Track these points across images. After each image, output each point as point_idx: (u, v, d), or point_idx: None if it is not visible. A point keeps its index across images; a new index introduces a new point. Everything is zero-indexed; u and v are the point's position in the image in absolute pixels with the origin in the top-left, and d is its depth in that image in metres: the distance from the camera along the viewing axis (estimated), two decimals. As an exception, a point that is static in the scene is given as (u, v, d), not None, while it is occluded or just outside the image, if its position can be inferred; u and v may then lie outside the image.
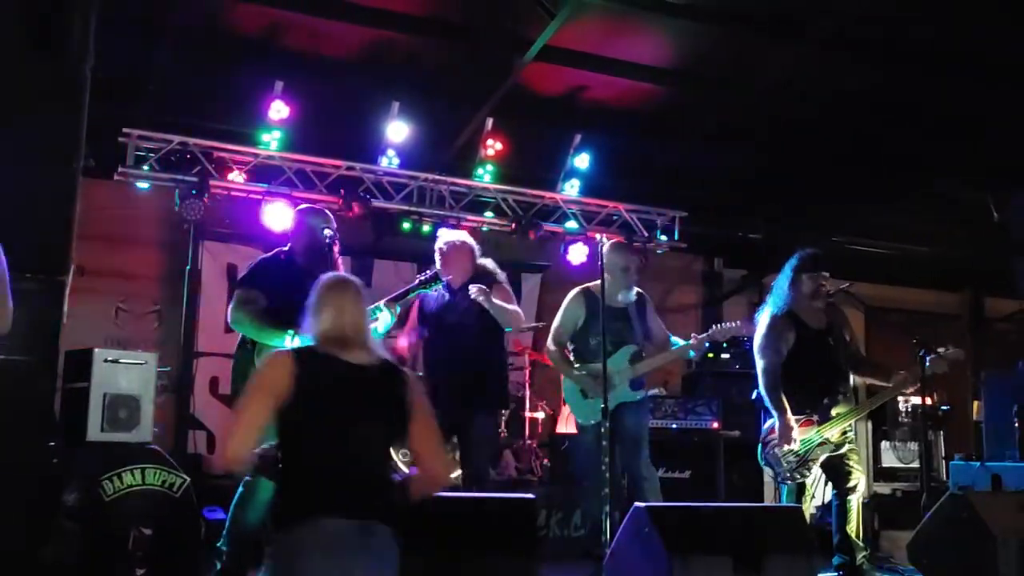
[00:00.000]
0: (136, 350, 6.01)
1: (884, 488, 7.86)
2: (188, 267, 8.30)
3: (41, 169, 4.70)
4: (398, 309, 4.96)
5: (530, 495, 4.38)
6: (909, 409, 8.11)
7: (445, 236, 5.77)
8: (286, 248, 5.10)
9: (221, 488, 5.40)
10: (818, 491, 5.96)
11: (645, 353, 5.79)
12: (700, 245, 10.40)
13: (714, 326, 5.74)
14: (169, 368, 7.66)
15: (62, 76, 4.75)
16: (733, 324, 5.77)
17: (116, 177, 7.53)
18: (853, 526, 5.55)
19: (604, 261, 5.68)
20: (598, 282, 5.65)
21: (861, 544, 5.56)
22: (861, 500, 5.62)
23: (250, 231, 8.04)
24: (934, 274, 11.76)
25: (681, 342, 5.81)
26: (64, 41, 4.80)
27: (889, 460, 8.04)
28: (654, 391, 8.00)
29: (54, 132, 4.76)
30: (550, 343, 5.82)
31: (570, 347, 5.87)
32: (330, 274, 3.56)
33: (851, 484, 5.58)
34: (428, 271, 5.22)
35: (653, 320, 5.94)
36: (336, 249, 4.85)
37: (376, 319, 4.82)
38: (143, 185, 7.60)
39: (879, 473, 7.96)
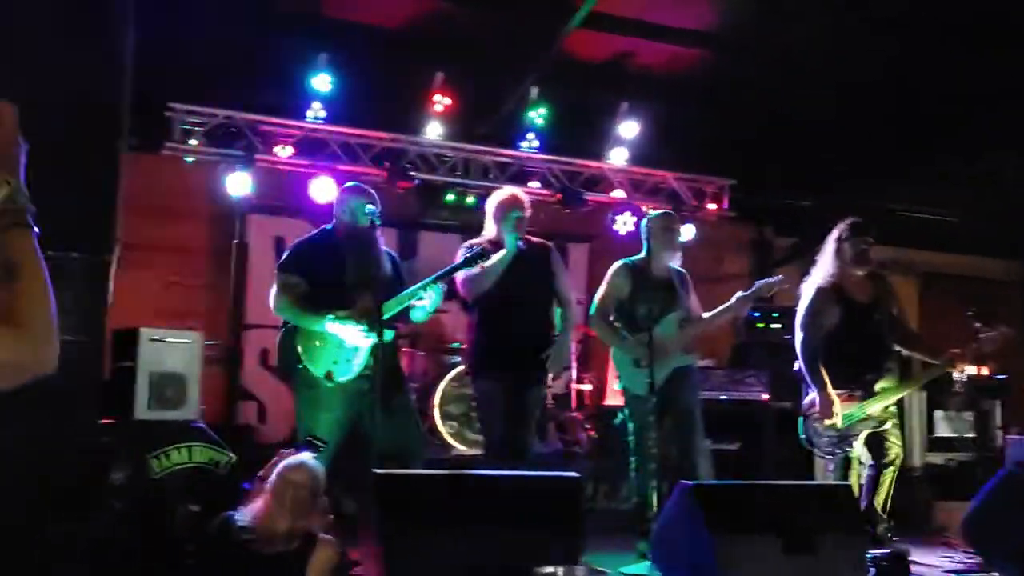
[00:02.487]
0: (187, 323, 6.04)
1: (938, 458, 7.72)
2: (236, 240, 8.33)
3: (85, 145, 4.67)
4: (444, 286, 4.88)
5: (575, 473, 4.32)
6: (965, 379, 7.90)
7: (502, 198, 5.53)
8: (329, 227, 5.05)
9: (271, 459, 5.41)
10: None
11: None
12: (749, 214, 10.24)
13: (758, 283, 5.61)
14: (219, 341, 7.74)
15: (104, 49, 4.71)
16: (777, 278, 5.64)
17: (163, 152, 7.56)
18: (881, 498, 5.47)
19: (650, 230, 5.57)
20: (642, 254, 5.56)
21: (884, 516, 5.47)
22: (895, 473, 5.51)
23: (297, 204, 8.06)
24: (989, 241, 11.47)
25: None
26: (106, 13, 4.76)
27: (944, 430, 7.88)
28: (704, 362, 7.90)
29: (97, 107, 4.73)
30: (595, 315, 5.73)
31: (613, 319, 5.79)
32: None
33: (889, 459, 5.49)
34: (473, 246, 5.12)
35: (692, 297, 5.85)
36: (378, 228, 4.77)
37: (422, 298, 4.75)
38: (189, 159, 7.65)
39: (933, 443, 7.81)
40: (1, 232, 1.64)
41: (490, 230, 5.39)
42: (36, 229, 1.68)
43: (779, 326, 8.61)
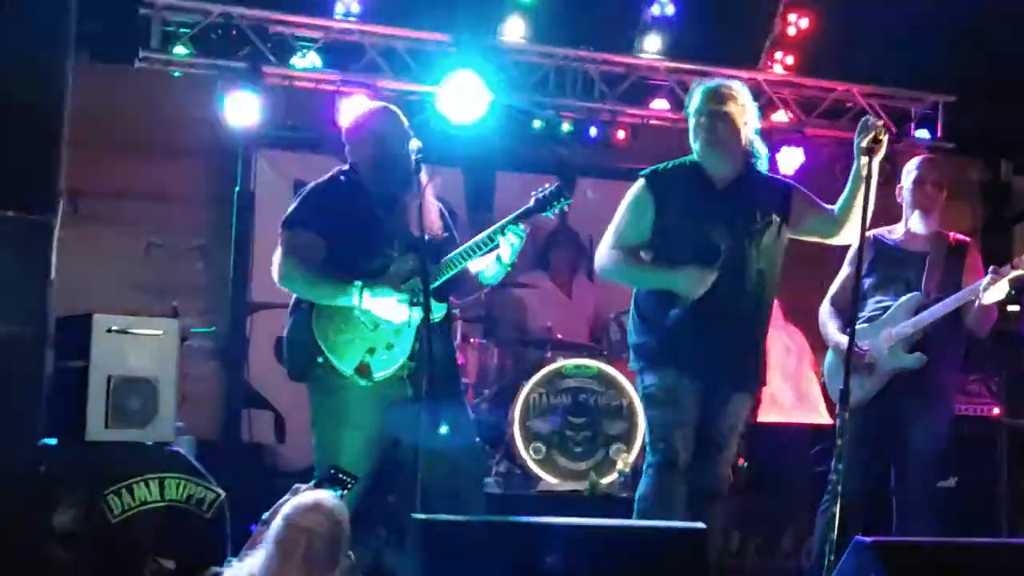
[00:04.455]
0: (171, 302, 6.07)
1: None
2: (238, 187, 8.35)
3: (16, 60, 4.67)
4: (525, 228, 4.83)
5: (699, 524, 4.24)
6: None
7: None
8: (346, 167, 5.01)
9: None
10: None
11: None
12: (976, 143, 9.94)
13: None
14: (214, 328, 7.80)
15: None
16: None
17: (138, 64, 7.62)
18: None
19: (914, 187, 5.61)
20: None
21: None
22: None
23: (324, 134, 8.03)
24: None
25: None
26: None
27: None
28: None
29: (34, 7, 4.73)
30: (826, 306, 5.71)
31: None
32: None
33: None
34: (549, 186, 4.99)
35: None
36: (423, 168, 4.71)
37: (498, 245, 4.75)
38: (175, 73, 7.71)
39: None
40: None
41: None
42: None
43: (1016, 307, 8.34)
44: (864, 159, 4.73)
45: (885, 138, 4.74)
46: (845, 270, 5.71)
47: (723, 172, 5.04)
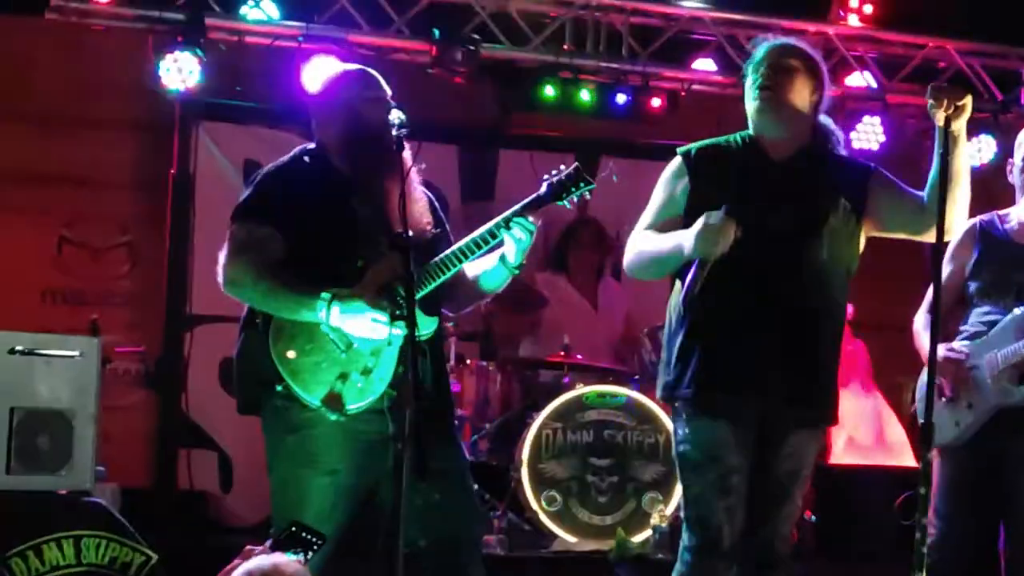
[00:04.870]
0: (87, 316, 6.06)
1: None
2: (173, 169, 8.37)
3: None
4: (535, 222, 4.80)
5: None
6: None
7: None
8: (311, 146, 4.99)
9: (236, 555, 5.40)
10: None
11: None
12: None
13: None
14: (144, 348, 7.78)
15: None
16: None
17: (49, 14, 7.61)
18: None
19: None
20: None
21: None
22: None
23: (283, 102, 8.07)
24: None
25: None
26: None
27: None
28: None
29: None
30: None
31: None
32: None
33: None
34: (565, 168, 4.97)
35: None
36: (407, 146, 4.68)
37: (502, 243, 4.74)
38: (95, 27, 7.70)
39: None
40: None
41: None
42: None
43: None
44: (956, 125, 4.69)
45: (968, 99, 4.70)
46: (947, 266, 5.63)
47: (781, 139, 4.98)
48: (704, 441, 4.74)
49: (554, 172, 4.90)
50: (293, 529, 4.23)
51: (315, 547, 4.19)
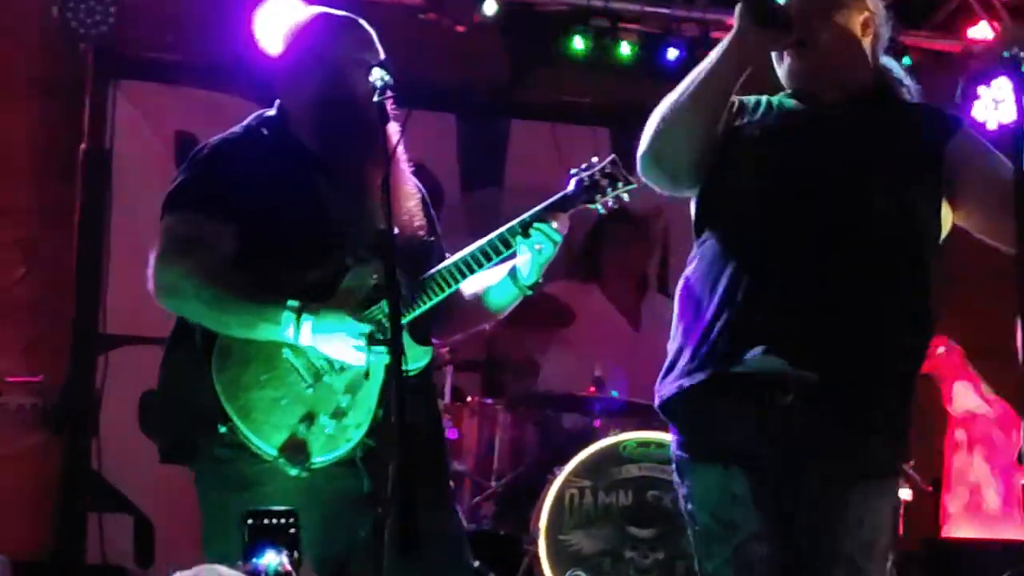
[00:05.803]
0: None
1: None
2: (86, 143, 8.43)
3: None
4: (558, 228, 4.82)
5: None
6: None
7: None
8: (270, 112, 5.02)
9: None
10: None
11: None
12: None
13: None
14: (41, 378, 7.81)
15: None
16: None
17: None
18: None
19: None
20: None
21: None
22: None
23: (224, 59, 8.27)
24: None
25: None
26: None
27: None
28: None
29: None
30: None
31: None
32: None
33: None
34: (598, 161, 4.98)
35: None
36: (392, 116, 4.70)
37: (515, 254, 4.80)
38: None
39: None
40: None
41: None
42: None
43: None
44: None
45: None
46: None
47: (828, 89, 4.93)
48: (714, 502, 4.58)
49: (584, 166, 4.93)
50: (236, 612, 4.27)
51: (265, 639, 4.22)
